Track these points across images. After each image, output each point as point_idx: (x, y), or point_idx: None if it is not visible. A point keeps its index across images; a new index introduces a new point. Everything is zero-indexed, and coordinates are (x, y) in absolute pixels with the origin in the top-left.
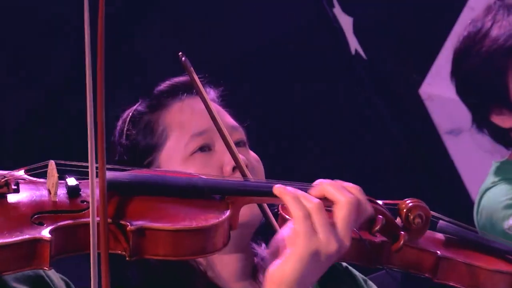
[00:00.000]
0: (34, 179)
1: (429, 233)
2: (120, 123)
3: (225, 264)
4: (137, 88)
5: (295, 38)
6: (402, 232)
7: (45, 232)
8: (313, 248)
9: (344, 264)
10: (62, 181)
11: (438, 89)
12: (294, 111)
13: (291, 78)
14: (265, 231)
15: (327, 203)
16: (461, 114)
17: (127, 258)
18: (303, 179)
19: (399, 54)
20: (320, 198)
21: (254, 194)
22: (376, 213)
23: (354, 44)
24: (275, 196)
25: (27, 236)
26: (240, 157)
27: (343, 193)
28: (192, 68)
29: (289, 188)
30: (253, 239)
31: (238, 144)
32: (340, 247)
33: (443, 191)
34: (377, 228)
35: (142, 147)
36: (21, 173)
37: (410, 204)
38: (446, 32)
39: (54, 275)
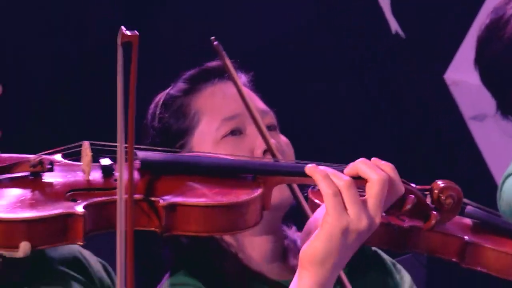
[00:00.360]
0: (70, 162)
1: (457, 218)
2: (152, 106)
3: (255, 246)
4: (169, 73)
5: (295, 38)
6: (434, 212)
7: (79, 208)
8: (343, 225)
9: (373, 248)
10: (96, 163)
11: (463, 75)
12: (301, 109)
13: (293, 78)
14: (295, 214)
15: (360, 183)
16: (486, 100)
17: (159, 235)
18: None
19: (426, 40)
20: (353, 177)
21: (285, 174)
22: (408, 193)
23: (394, 25)
24: (306, 176)
25: (61, 211)
26: (271, 141)
27: (375, 171)
28: (224, 53)
29: (320, 167)
30: (283, 221)
31: (269, 128)
32: (371, 224)
33: (468, 177)
34: (408, 206)
35: (174, 130)
36: (58, 156)
37: (442, 185)
38: (470, 19)
39: (91, 258)
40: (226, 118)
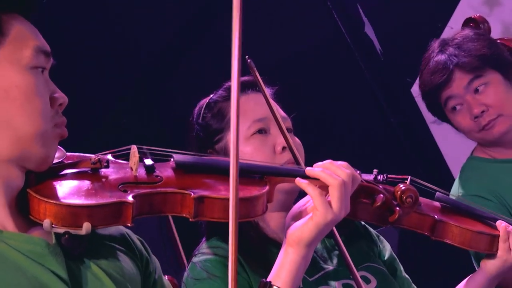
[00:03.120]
0: (121, 161)
1: (428, 201)
2: (197, 108)
3: (272, 219)
4: (211, 83)
5: (314, 51)
6: (397, 208)
7: (129, 197)
8: (328, 218)
9: (362, 222)
10: (141, 163)
11: None
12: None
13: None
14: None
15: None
16: None
17: (190, 220)
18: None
19: (396, 62)
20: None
21: (284, 175)
22: (377, 193)
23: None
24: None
25: (116, 199)
26: (290, 140)
27: (332, 177)
28: (255, 69)
29: (308, 169)
30: (295, 201)
31: (289, 130)
32: (343, 215)
33: (429, 167)
34: (378, 204)
35: (214, 128)
36: (109, 156)
37: (403, 188)
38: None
39: (133, 235)
40: (255, 120)
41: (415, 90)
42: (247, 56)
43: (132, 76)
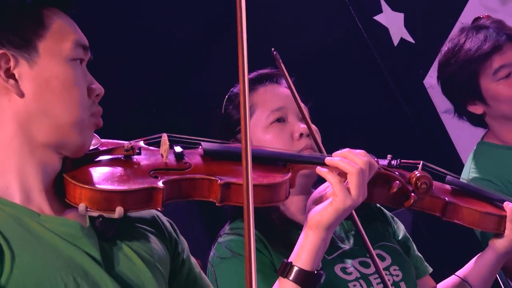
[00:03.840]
0: (152, 148)
1: (440, 184)
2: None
3: (293, 202)
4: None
5: (332, 46)
6: (412, 194)
7: (160, 183)
8: (347, 204)
9: (378, 205)
10: (171, 149)
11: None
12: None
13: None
14: (321, 181)
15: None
16: None
17: (217, 204)
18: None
19: (410, 56)
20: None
21: (306, 163)
22: (394, 179)
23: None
24: (321, 164)
25: (147, 185)
26: (312, 125)
27: (351, 165)
28: (281, 60)
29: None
30: (314, 185)
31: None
32: (362, 200)
33: (441, 153)
34: (394, 190)
35: (235, 119)
36: (141, 143)
37: (418, 175)
38: (443, 39)
39: (163, 218)
40: (274, 109)
41: (428, 82)
42: (273, 49)
43: (164, 69)
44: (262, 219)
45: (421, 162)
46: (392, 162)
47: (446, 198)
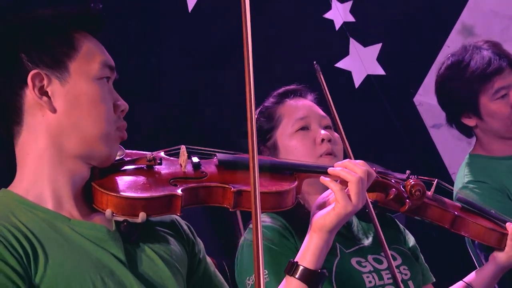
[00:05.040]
0: (172, 158)
1: (451, 202)
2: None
3: (314, 200)
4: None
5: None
6: (407, 200)
7: (179, 190)
8: (348, 209)
9: (391, 215)
10: (189, 160)
11: (426, 98)
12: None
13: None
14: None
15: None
16: (441, 115)
17: (230, 209)
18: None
19: (402, 75)
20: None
21: (311, 172)
22: (390, 187)
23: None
24: (324, 174)
25: (167, 192)
26: (335, 135)
27: (351, 174)
28: (321, 72)
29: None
30: None
31: (328, 127)
32: (361, 206)
33: (428, 166)
34: (390, 197)
35: (265, 129)
36: (162, 153)
37: (413, 182)
38: (431, 61)
39: (181, 221)
40: (298, 118)
41: (417, 99)
42: (315, 62)
43: (182, 88)
44: (290, 213)
45: (436, 180)
46: (410, 177)
47: (456, 212)
